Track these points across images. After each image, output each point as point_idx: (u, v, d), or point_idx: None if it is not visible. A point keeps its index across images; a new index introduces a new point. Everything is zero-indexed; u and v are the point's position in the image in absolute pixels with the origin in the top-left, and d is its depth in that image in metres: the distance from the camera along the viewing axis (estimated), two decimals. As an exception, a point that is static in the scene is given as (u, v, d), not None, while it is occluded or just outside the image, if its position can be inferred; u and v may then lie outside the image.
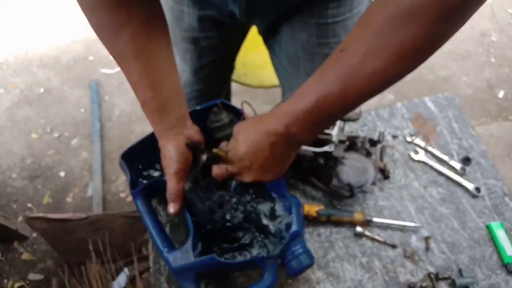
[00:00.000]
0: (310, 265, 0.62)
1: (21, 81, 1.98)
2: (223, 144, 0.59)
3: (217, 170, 0.59)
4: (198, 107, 0.71)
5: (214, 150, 0.57)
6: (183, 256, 0.59)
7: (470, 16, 0.41)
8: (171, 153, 0.61)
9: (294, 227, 0.62)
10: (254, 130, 0.53)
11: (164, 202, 0.76)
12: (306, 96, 0.48)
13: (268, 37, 0.90)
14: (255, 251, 0.64)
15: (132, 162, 0.70)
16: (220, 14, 0.80)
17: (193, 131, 0.65)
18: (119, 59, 0.57)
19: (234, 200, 0.66)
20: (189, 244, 0.59)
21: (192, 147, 0.63)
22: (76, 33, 2.14)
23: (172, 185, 0.62)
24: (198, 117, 0.68)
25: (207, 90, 1.01)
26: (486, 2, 0.44)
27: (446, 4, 0.38)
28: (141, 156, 0.72)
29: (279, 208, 0.65)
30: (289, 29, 0.82)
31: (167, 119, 0.61)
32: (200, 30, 0.83)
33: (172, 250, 0.61)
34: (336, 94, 0.46)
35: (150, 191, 0.68)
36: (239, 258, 0.63)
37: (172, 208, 0.62)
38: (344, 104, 0.47)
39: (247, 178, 0.56)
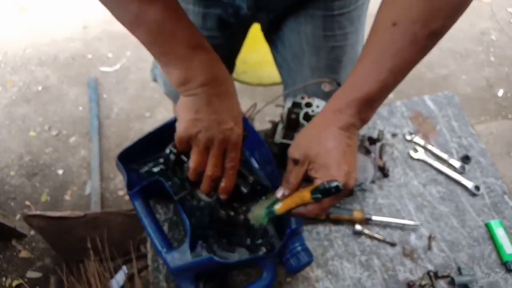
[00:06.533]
0: (309, 263, 0.61)
1: (19, 79, 1.97)
2: (318, 182, 0.51)
3: (320, 205, 0.51)
4: None
5: (328, 185, 0.48)
6: (181, 256, 0.59)
7: None
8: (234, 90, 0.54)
9: (292, 225, 0.61)
10: (328, 135, 0.51)
11: (162, 200, 0.76)
12: (369, 79, 0.49)
13: (271, 34, 0.89)
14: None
15: (129, 162, 0.70)
16: (225, 12, 0.79)
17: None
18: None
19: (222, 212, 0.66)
20: (186, 244, 0.59)
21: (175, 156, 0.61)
22: (74, 31, 2.13)
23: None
24: None
25: None
26: (486, 1, 0.46)
27: None
28: (139, 157, 0.71)
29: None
30: (294, 23, 0.82)
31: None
32: (204, 28, 0.83)
33: (171, 250, 0.61)
34: (400, 65, 0.48)
35: (147, 191, 0.67)
36: (237, 257, 0.63)
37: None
38: (407, 71, 0.49)
39: (352, 183, 0.50)
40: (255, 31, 0.92)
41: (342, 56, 0.84)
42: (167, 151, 0.64)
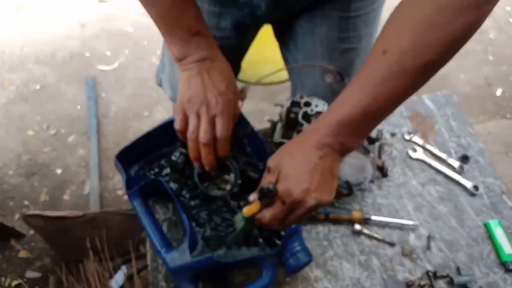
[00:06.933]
0: (308, 263, 0.62)
1: (16, 78, 1.96)
2: (265, 182, 0.52)
3: (271, 212, 0.52)
4: None
5: (265, 186, 0.50)
6: (181, 256, 0.59)
7: None
8: (231, 75, 0.65)
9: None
10: (299, 150, 0.51)
11: (161, 200, 0.76)
12: (352, 102, 0.48)
13: (284, 34, 0.88)
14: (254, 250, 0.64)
15: (128, 162, 0.70)
16: (241, 12, 0.78)
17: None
18: None
19: (233, 203, 0.66)
20: (186, 244, 0.59)
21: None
22: (72, 29, 2.12)
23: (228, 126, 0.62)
24: None
25: None
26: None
27: None
28: (137, 156, 0.71)
29: None
30: (309, 24, 0.81)
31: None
32: (218, 28, 0.81)
33: (170, 249, 0.61)
34: (386, 94, 0.46)
35: (146, 190, 0.67)
36: (238, 257, 0.63)
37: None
38: (394, 102, 0.49)
39: (310, 202, 0.50)
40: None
41: (355, 58, 0.84)
42: (173, 157, 0.65)
